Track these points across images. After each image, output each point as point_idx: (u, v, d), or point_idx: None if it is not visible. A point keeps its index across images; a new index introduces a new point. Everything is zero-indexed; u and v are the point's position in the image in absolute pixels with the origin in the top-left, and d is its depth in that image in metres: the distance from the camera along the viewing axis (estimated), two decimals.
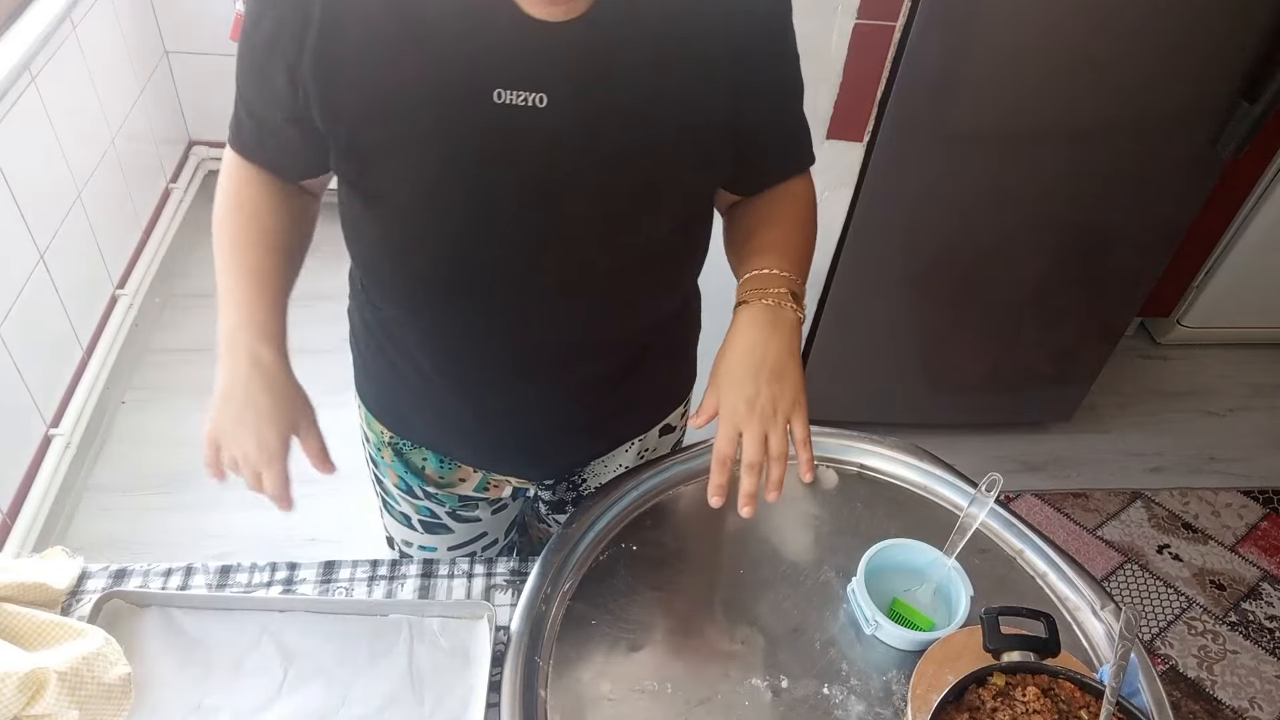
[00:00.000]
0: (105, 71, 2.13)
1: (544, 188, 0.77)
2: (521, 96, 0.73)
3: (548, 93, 0.73)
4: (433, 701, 0.81)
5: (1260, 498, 2.27)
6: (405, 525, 1.13)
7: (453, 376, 0.93)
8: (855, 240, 1.88)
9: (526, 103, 0.73)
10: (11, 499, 1.76)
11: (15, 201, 1.76)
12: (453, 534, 1.13)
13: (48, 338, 1.91)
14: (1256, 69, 1.65)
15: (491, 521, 1.14)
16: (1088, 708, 0.75)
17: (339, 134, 0.77)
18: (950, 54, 1.61)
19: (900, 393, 2.23)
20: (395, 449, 1.04)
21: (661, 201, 0.82)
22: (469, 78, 0.72)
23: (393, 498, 1.11)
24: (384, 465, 1.08)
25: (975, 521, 0.87)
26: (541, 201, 0.78)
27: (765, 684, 0.82)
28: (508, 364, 0.91)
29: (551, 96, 0.73)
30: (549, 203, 0.78)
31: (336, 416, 0.87)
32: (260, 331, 0.83)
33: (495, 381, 0.93)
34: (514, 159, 0.75)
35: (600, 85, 0.74)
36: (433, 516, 1.10)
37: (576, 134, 0.75)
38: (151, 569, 0.92)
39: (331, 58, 0.73)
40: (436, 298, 0.85)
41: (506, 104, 0.73)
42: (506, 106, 0.73)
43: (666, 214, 0.83)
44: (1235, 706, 1.84)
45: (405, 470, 1.06)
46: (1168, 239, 1.95)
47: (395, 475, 1.07)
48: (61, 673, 0.75)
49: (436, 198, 0.78)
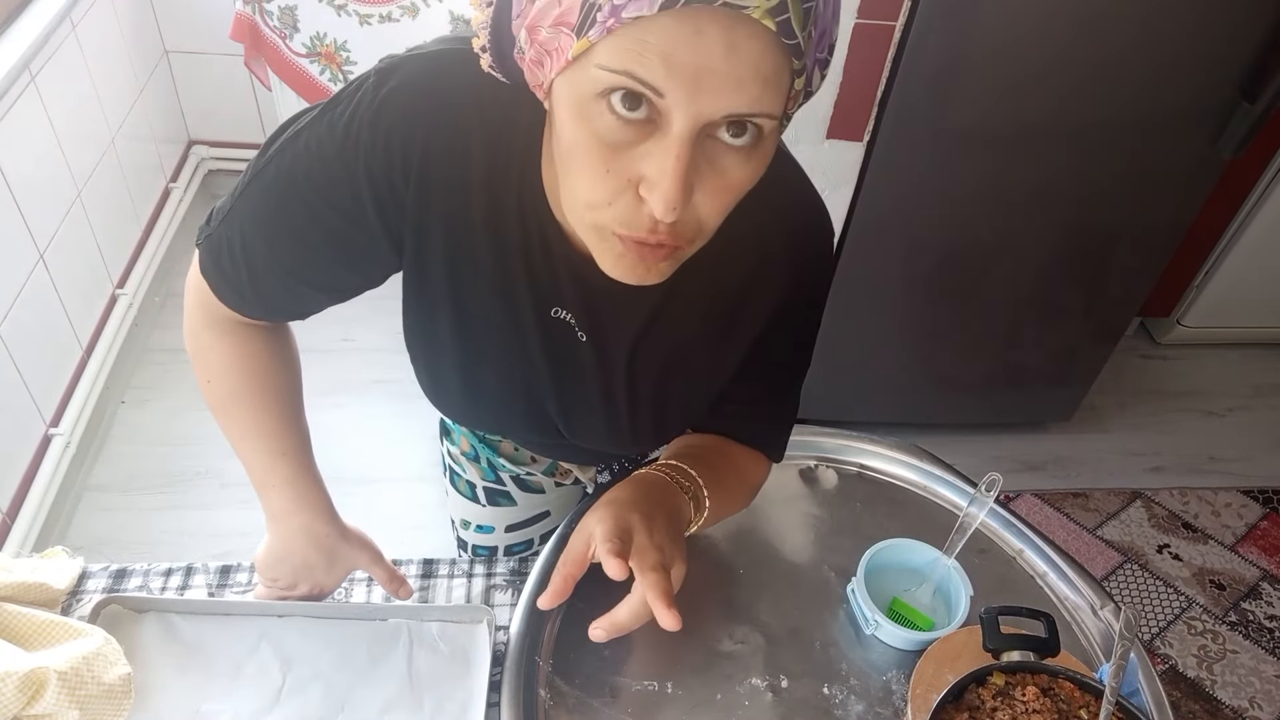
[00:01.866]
0: (105, 71, 2.13)
1: (568, 389, 0.81)
2: (571, 318, 0.76)
3: (588, 334, 0.76)
4: (432, 706, 0.81)
5: (1260, 498, 2.27)
6: (469, 498, 1.14)
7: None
8: (855, 240, 1.88)
9: (572, 326, 0.76)
10: (11, 499, 1.75)
11: (15, 201, 1.76)
12: (516, 506, 1.13)
13: (47, 337, 1.90)
14: (1256, 69, 1.64)
15: (555, 496, 1.15)
16: (1087, 707, 0.75)
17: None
18: (950, 54, 1.61)
19: (900, 393, 2.23)
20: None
21: (673, 429, 0.88)
22: (531, 292, 0.74)
23: (460, 465, 1.12)
24: (457, 433, 1.10)
25: (975, 521, 0.87)
26: (561, 407, 0.82)
27: (765, 684, 0.82)
28: (558, 451, 1.05)
29: (591, 337, 0.77)
30: (567, 410, 0.82)
31: (336, 417, 0.87)
32: (313, 511, 0.85)
33: (558, 449, 1.04)
34: (553, 360, 0.79)
35: (640, 334, 0.77)
36: (498, 483, 1.12)
37: (608, 364, 0.79)
38: (151, 569, 0.92)
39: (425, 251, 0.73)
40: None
41: (559, 319, 0.76)
42: (560, 322, 0.76)
43: (673, 434, 0.89)
44: (1235, 706, 1.84)
45: (478, 440, 1.08)
46: (1168, 239, 1.95)
47: (467, 443, 1.10)
48: (61, 672, 0.74)
49: (479, 368, 0.81)
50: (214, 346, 0.82)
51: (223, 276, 0.76)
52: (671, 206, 0.54)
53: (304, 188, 0.69)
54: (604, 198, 0.57)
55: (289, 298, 0.77)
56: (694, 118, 0.52)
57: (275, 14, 2.05)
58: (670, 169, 0.53)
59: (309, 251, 0.72)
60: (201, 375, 0.83)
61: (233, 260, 0.74)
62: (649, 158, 0.54)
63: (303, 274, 0.74)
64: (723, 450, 0.86)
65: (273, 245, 0.72)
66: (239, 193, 0.73)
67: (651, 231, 0.57)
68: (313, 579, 0.87)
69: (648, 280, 0.62)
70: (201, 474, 2.03)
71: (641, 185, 0.55)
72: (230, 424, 0.84)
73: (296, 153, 0.69)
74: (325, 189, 0.68)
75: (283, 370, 0.85)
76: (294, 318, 0.82)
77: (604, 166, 0.55)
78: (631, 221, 0.57)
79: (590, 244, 0.62)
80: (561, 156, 0.58)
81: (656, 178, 0.54)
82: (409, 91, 0.66)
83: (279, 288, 0.75)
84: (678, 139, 0.52)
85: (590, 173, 0.56)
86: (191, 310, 0.81)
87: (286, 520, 0.85)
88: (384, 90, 0.66)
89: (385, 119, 0.66)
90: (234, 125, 2.58)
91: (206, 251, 0.77)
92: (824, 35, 0.54)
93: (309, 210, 0.69)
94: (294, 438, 0.85)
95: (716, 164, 0.55)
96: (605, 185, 0.56)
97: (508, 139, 0.67)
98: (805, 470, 1.02)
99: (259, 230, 0.72)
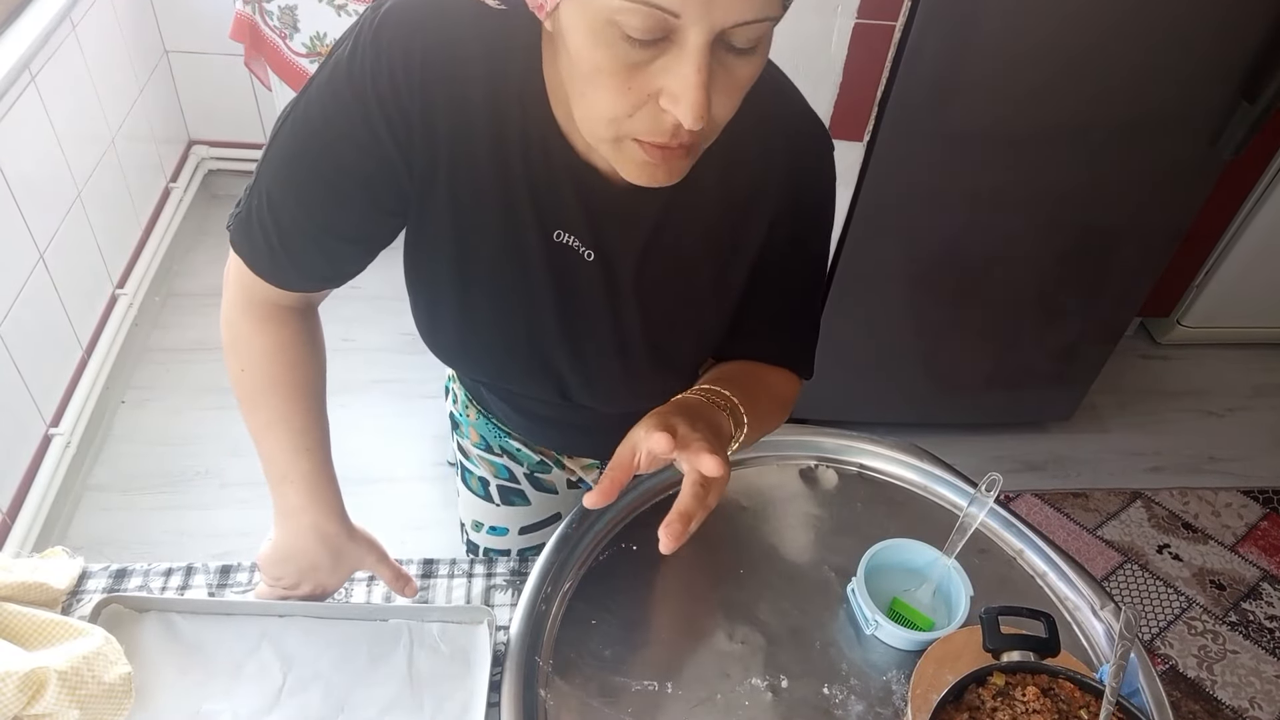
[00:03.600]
0: (105, 71, 2.13)
1: (575, 321, 0.82)
2: (575, 241, 0.77)
3: (595, 250, 0.77)
4: (432, 707, 0.81)
5: (1260, 498, 2.27)
6: (481, 497, 1.13)
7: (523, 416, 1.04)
8: (855, 240, 1.88)
9: (577, 250, 0.77)
10: (11, 498, 1.75)
11: (15, 201, 1.76)
12: (530, 506, 1.13)
13: (47, 337, 1.90)
14: (1256, 69, 1.65)
15: (568, 497, 1.15)
16: (1087, 707, 0.75)
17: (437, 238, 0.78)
18: (950, 54, 1.61)
19: (900, 393, 2.23)
20: (481, 405, 1.08)
21: (689, 355, 0.88)
22: (534, 215, 0.75)
23: (472, 461, 1.12)
24: (466, 425, 1.10)
25: (975, 521, 0.87)
26: (562, 334, 0.83)
27: (765, 684, 0.82)
28: (563, 428, 1.03)
29: (598, 254, 0.77)
30: (578, 333, 0.83)
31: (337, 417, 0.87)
32: (325, 510, 0.85)
33: (562, 424, 1.03)
34: (559, 289, 0.80)
35: (647, 247, 0.78)
36: (511, 480, 1.12)
37: (615, 283, 0.79)
38: (151, 569, 0.92)
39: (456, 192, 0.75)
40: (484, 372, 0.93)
41: (563, 243, 0.77)
42: (563, 245, 0.77)
43: (688, 357, 0.89)
44: (1235, 706, 1.84)
45: (488, 424, 1.08)
46: (1168, 239, 1.95)
47: (477, 435, 1.10)
48: (62, 672, 0.74)
49: (484, 306, 0.82)
50: (250, 334, 0.82)
51: (253, 246, 0.77)
52: (699, 115, 0.57)
53: (321, 129, 0.71)
54: (625, 111, 0.60)
55: (321, 256, 0.77)
56: (709, 31, 0.55)
57: (275, 14, 2.05)
58: (694, 81, 0.56)
59: (335, 196, 0.73)
60: (234, 365, 0.84)
61: (262, 226, 0.75)
62: (668, 72, 0.57)
63: (332, 225, 0.75)
64: (753, 372, 0.86)
65: (300, 198, 0.73)
66: (262, 159, 0.75)
67: (674, 136, 0.61)
68: (317, 579, 0.87)
69: (671, 180, 0.65)
70: (201, 474, 2.03)
71: (663, 97, 0.58)
72: (257, 415, 0.84)
73: (309, 99, 0.71)
74: (341, 123, 0.70)
75: (313, 362, 0.85)
76: (329, 282, 0.82)
77: (625, 84, 0.58)
78: (655, 130, 0.60)
79: (610, 155, 0.64)
80: (577, 78, 0.60)
81: (681, 90, 0.57)
82: (404, 8, 0.68)
83: (311, 246, 0.76)
84: (696, 51, 0.55)
85: (611, 91, 0.59)
86: (230, 299, 0.82)
87: (298, 517, 0.84)
88: (380, 12, 0.68)
89: (384, 36, 0.67)
90: (234, 125, 2.58)
91: (236, 226, 0.78)
92: None
93: (330, 152, 0.71)
94: (317, 433, 0.85)
95: (726, 65, 0.58)
96: (626, 100, 0.59)
97: (507, 50, 0.69)
98: (805, 470, 1.02)
99: (285, 187, 0.73)
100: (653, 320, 0.82)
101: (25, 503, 1.77)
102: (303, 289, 0.82)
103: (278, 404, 0.83)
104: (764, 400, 0.83)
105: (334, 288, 0.84)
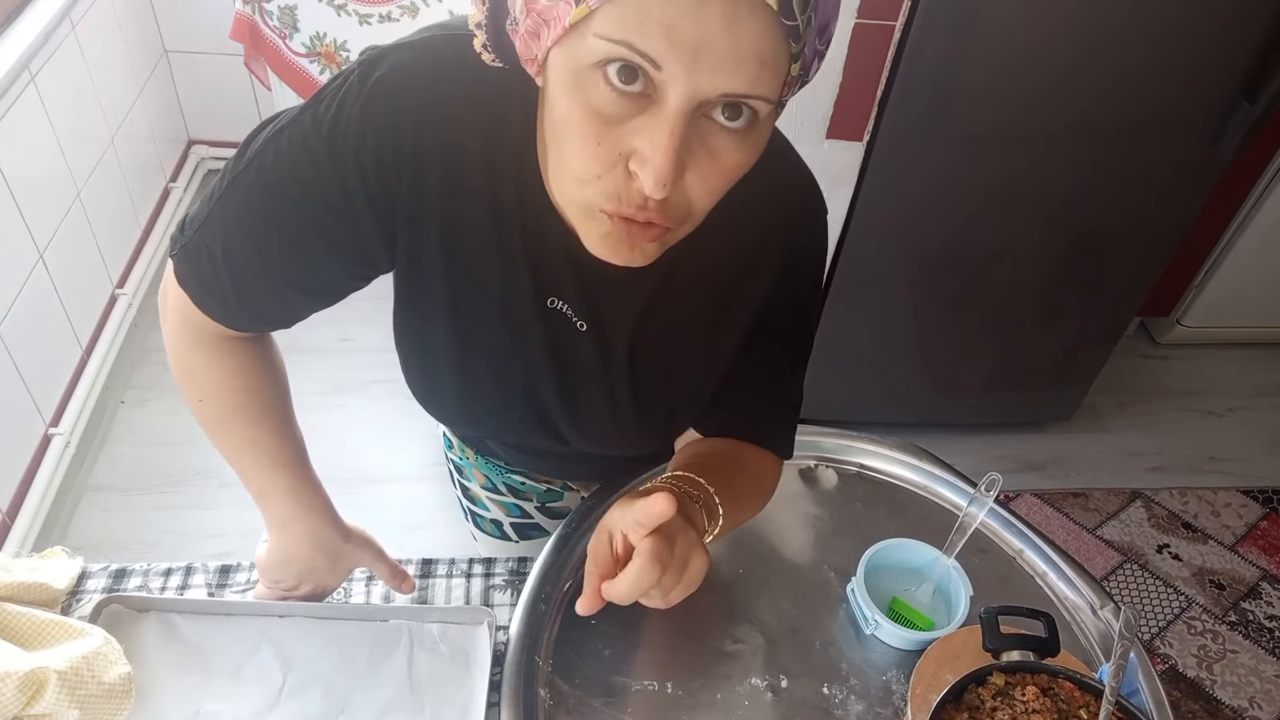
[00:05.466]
0: (105, 71, 2.13)
1: (570, 385, 0.81)
2: (568, 309, 0.75)
3: (587, 321, 0.75)
4: (432, 708, 0.81)
5: (1260, 497, 2.27)
6: (498, 536, 1.13)
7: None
8: (855, 240, 1.88)
9: (570, 318, 0.75)
10: (11, 498, 1.75)
11: (15, 201, 1.76)
12: (548, 536, 1.13)
13: (47, 337, 1.90)
14: (1256, 68, 1.65)
15: None
16: (1087, 707, 0.75)
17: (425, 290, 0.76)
18: (950, 54, 1.61)
19: (900, 393, 2.23)
20: (479, 449, 1.07)
21: (674, 418, 0.87)
22: (528, 279, 0.73)
23: (482, 505, 1.11)
24: (469, 469, 1.09)
25: (975, 521, 0.87)
26: (566, 407, 0.82)
27: (765, 684, 0.82)
28: (563, 461, 1.02)
29: (591, 324, 0.76)
30: (573, 392, 0.81)
31: (336, 417, 0.87)
32: (315, 516, 0.85)
33: (563, 459, 1.01)
34: (553, 354, 0.78)
35: (639, 320, 0.76)
36: (524, 516, 1.11)
37: (607, 353, 0.78)
38: (151, 569, 0.92)
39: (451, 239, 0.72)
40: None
41: (556, 309, 0.75)
42: (557, 312, 0.75)
43: (679, 424, 0.89)
44: (1235, 706, 1.84)
45: (488, 464, 1.08)
46: (1168, 239, 1.95)
47: (481, 475, 1.08)
48: (61, 672, 0.74)
49: (477, 368, 0.80)
50: (202, 366, 0.79)
51: (203, 286, 0.72)
52: (662, 182, 0.53)
53: (291, 187, 0.66)
54: (594, 171, 0.56)
55: (277, 304, 0.74)
56: (690, 94, 0.51)
57: (275, 14, 2.05)
58: (663, 143, 0.52)
59: (299, 253, 0.69)
60: (191, 396, 0.81)
61: (214, 268, 0.71)
62: (642, 132, 0.53)
63: (293, 278, 0.71)
64: (730, 455, 0.84)
65: (260, 249, 0.69)
66: (215, 197, 0.69)
67: (640, 208, 0.57)
68: (315, 580, 0.87)
69: (633, 261, 0.61)
70: (201, 474, 2.03)
71: (633, 160, 0.54)
72: (225, 439, 0.82)
73: (280, 151, 0.66)
74: (314, 187, 0.65)
75: (272, 383, 0.83)
76: (280, 326, 0.78)
77: (595, 139, 0.54)
78: (620, 196, 0.56)
79: (576, 222, 0.61)
80: (553, 129, 0.57)
81: (649, 152, 0.53)
82: (398, 81, 0.64)
83: (267, 295, 0.72)
84: (673, 113, 0.52)
85: (581, 144, 0.55)
86: (174, 331, 0.79)
87: (289, 527, 0.84)
88: (371, 81, 0.64)
89: (374, 110, 0.63)
90: (234, 125, 2.58)
91: (183, 261, 0.73)
92: (825, 28, 0.54)
93: (297, 210, 0.67)
94: (289, 446, 0.84)
95: (710, 145, 0.55)
96: (596, 158, 0.55)
97: (504, 121, 0.66)
98: (805, 470, 1.02)
99: (244, 235, 0.69)
100: (645, 387, 0.81)
101: (25, 502, 1.77)
102: (253, 331, 0.79)
103: (243, 429, 0.81)
104: (741, 485, 0.82)
105: (286, 329, 0.79)
